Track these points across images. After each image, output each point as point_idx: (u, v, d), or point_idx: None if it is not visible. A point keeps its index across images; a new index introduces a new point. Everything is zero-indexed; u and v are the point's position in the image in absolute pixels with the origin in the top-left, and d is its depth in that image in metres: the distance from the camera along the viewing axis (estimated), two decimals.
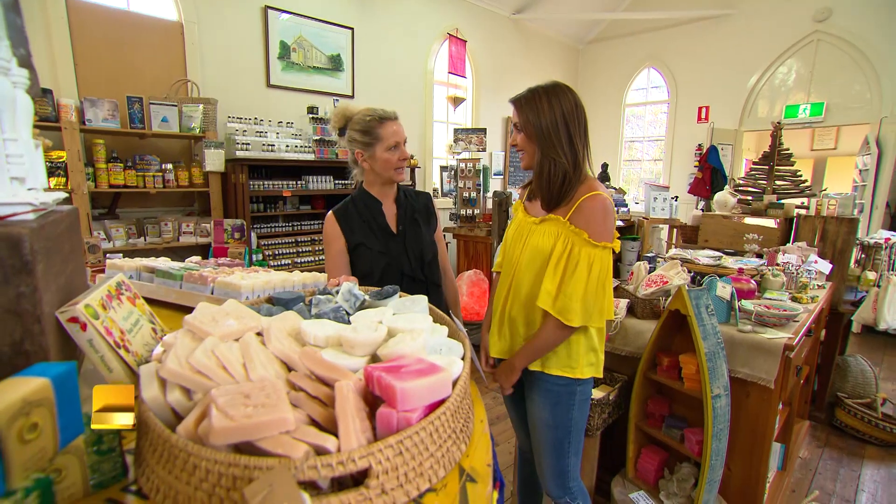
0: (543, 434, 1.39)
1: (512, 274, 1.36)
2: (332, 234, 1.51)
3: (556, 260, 1.24)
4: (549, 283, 1.24)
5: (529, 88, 1.29)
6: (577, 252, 1.22)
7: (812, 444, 2.69)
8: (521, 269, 1.33)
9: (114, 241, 3.08)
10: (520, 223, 1.40)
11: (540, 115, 1.24)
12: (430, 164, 5.46)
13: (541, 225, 1.31)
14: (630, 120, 7.04)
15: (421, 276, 1.54)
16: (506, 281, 1.39)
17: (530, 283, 1.31)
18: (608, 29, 6.91)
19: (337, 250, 1.51)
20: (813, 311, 2.03)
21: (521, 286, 1.33)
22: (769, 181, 3.37)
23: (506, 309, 1.38)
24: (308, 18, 4.23)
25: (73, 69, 3.10)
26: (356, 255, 1.51)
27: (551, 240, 1.26)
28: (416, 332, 0.64)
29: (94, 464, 0.45)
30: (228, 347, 0.56)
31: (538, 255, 1.28)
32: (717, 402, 1.62)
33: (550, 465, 1.41)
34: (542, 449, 1.41)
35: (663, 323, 1.80)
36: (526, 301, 1.33)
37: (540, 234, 1.29)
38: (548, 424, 1.38)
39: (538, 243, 1.28)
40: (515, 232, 1.40)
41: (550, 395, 1.35)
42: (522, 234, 1.36)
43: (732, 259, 2.63)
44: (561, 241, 1.25)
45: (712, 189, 5.27)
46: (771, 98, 5.58)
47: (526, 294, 1.32)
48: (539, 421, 1.39)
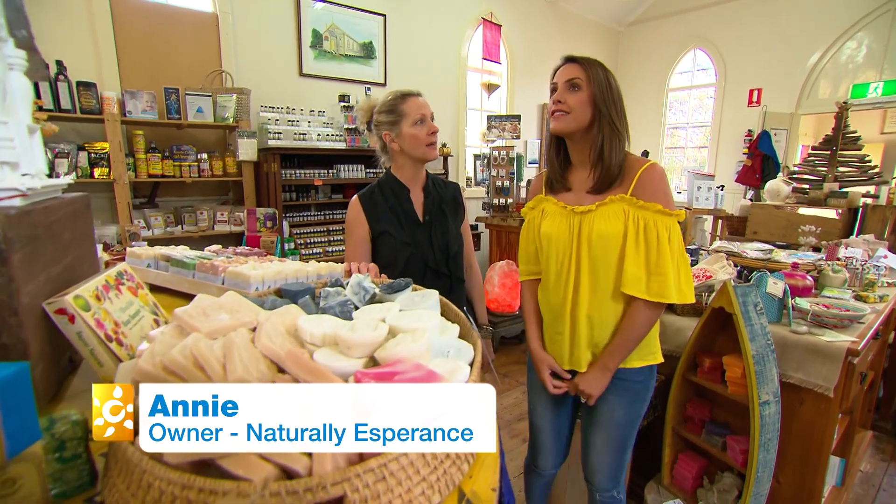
0: (611, 433, 1.31)
1: (571, 274, 1.22)
2: (355, 220, 1.44)
3: (633, 240, 1.13)
4: (633, 266, 1.14)
5: (586, 56, 1.21)
6: (654, 226, 1.12)
7: (876, 457, 2.45)
8: (592, 263, 1.19)
9: (153, 229, 3.18)
10: (560, 217, 1.25)
11: (608, 83, 1.16)
12: (463, 153, 5.36)
13: (600, 210, 1.17)
14: (673, 105, 6.67)
15: (445, 270, 1.46)
16: (561, 283, 1.24)
17: (607, 275, 1.18)
18: (651, 9, 6.53)
19: (359, 237, 1.44)
20: (882, 311, 1.82)
21: (596, 282, 1.20)
22: (830, 167, 3.08)
23: (578, 312, 1.22)
24: (340, 6, 4.20)
25: (116, 63, 3.20)
26: (379, 243, 1.44)
27: (621, 221, 1.15)
28: (418, 333, 0.57)
29: (56, 472, 0.42)
30: (208, 346, 0.51)
31: (610, 242, 1.16)
32: (766, 409, 1.48)
33: (610, 462, 1.34)
34: (606, 448, 1.33)
35: (706, 321, 1.66)
36: (612, 294, 1.19)
37: (604, 219, 1.16)
38: (619, 424, 1.29)
39: (605, 229, 1.16)
40: (557, 228, 1.24)
41: (629, 392, 1.26)
42: (572, 227, 1.21)
43: (785, 253, 2.42)
44: (632, 220, 1.14)
45: (763, 178, 4.91)
46: (835, 77, 5.12)
47: (603, 289, 1.19)
48: (609, 422, 1.30)
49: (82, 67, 3.02)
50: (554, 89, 1.21)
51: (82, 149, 2.91)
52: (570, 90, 1.18)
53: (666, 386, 1.84)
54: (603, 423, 1.31)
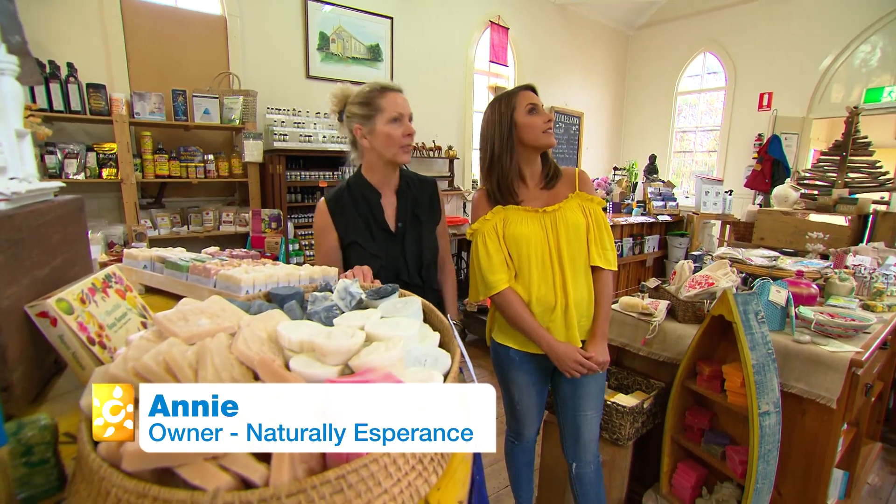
0: (599, 398, 1.49)
1: (555, 264, 1.39)
2: (323, 226, 1.35)
3: (593, 226, 1.40)
4: (596, 246, 1.39)
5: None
6: (597, 213, 1.42)
7: (884, 470, 2.40)
8: (570, 251, 1.38)
9: (159, 229, 3.22)
10: (530, 218, 1.40)
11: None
12: (469, 155, 5.36)
13: (565, 205, 1.41)
14: (682, 109, 6.61)
15: (418, 281, 1.39)
16: (546, 278, 1.39)
17: (582, 257, 1.40)
18: (661, 12, 6.48)
19: (329, 246, 1.36)
20: (890, 321, 1.78)
21: (579, 266, 1.40)
22: (840, 173, 3.03)
23: (568, 297, 1.39)
24: (347, 9, 4.23)
25: (126, 65, 3.25)
26: (349, 252, 1.36)
27: (581, 213, 1.40)
28: (392, 342, 0.57)
29: (24, 476, 0.42)
30: (182, 351, 0.51)
31: (580, 231, 1.39)
32: (766, 419, 1.46)
33: (594, 430, 1.51)
34: (592, 418, 1.49)
35: (706, 328, 1.64)
36: (585, 274, 1.41)
37: (572, 213, 1.39)
38: (602, 386, 1.50)
39: (575, 220, 1.38)
40: (532, 228, 1.39)
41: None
42: (545, 225, 1.40)
43: (791, 260, 2.38)
44: (587, 211, 1.41)
45: (773, 182, 4.85)
46: (848, 81, 5.04)
47: (583, 269, 1.41)
48: (598, 388, 1.48)
49: (93, 69, 3.08)
50: (533, 109, 1.37)
51: (91, 149, 2.96)
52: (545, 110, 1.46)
53: (665, 393, 1.82)
54: (592, 391, 1.47)
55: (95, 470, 0.37)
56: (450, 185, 5.11)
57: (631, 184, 4.91)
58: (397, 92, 1.33)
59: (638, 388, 1.94)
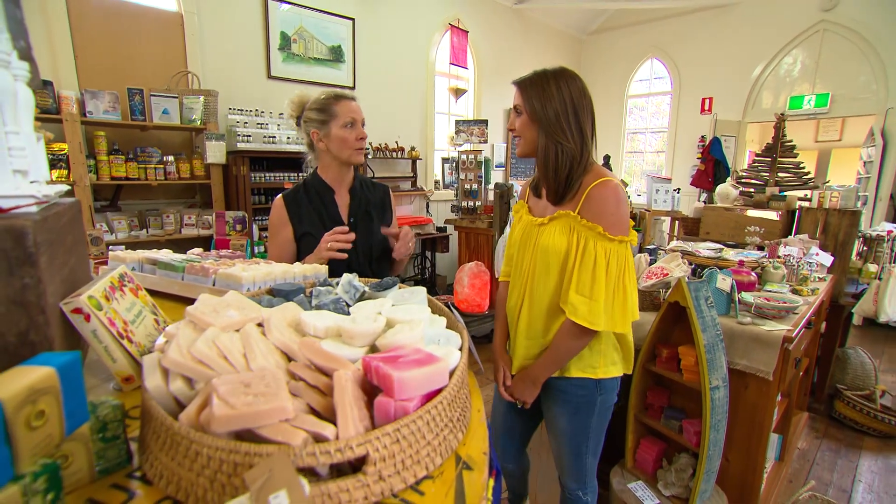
0: (561, 441, 1.34)
1: (524, 282, 1.26)
2: (278, 220, 1.44)
3: (573, 258, 1.14)
4: (566, 283, 1.15)
5: (535, 71, 1.20)
6: (592, 248, 1.11)
7: (810, 436, 2.70)
8: (536, 274, 1.23)
9: (116, 233, 3.09)
10: (525, 225, 1.30)
11: (547, 97, 1.15)
12: (431, 156, 5.44)
13: (550, 224, 1.21)
14: (633, 111, 7.00)
15: (368, 272, 1.45)
16: (517, 289, 1.30)
17: (549, 288, 1.21)
18: (611, 19, 6.84)
19: (284, 238, 1.44)
20: (813, 303, 2.03)
21: (537, 293, 1.23)
22: (772, 173, 3.36)
23: (521, 320, 1.28)
24: (308, 9, 4.20)
25: (74, 61, 3.10)
26: (302, 244, 1.44)
27: (565, 238, 1.16)
28: (414, 323, 0.65)
29: (100, 451, 0.47)
30: (229, 338, 0.57)
31: (553, 257, 1.18)
32: (716, 393, 1.63)
33: (569, 466, 1.38)
34: (562, 452, 1.37)
35: (663, 315, 1.81)
36: (547, 309, 1.22)
37: (550, 234, 1.19)
38: (565, 434, 1.31)
39: (550, 244, 1.18)
40: (522, 235, 1.30)
41: (569, 404, 1.28)
42: (531, 237, 1.26)
43: (733, 251, 2.63)
44: (575, 238, 1.14)
45: (715, 181, 5.25)
46: (775, 89, 5.54)
47: (545, 301, 1.22)
48: (556, 430, 1.34)
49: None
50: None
51: None
52: (516, 115, 1.24)
53: (628, 377, 1.98)
54: (552, 430, 1.37)
55: (184, 435, 0.43)
56: (413, 185, 5.17)
57: None
58: (351, 99, 1.43)
59: None
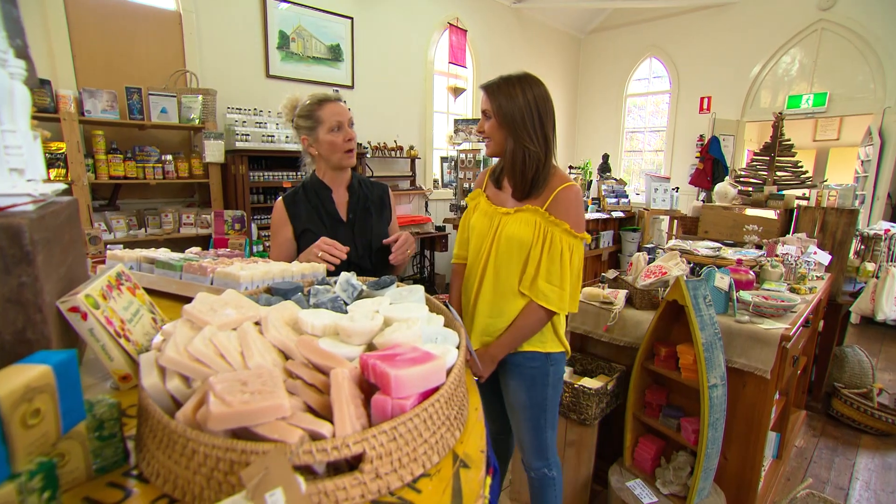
0: (522, 414, 1.43)
1: (482, 265, 1.35)
2: (279, 220, 1.48)
3: (538, 249, 1.27)
4: (533, 272, 1.27)
5: (501, 76, 1.28)
6: (560, 242, 1.26)
7: (808, 434, 2.71)
8: (497, 259, 1.32)
9: (115, 232, 3.09)
10: (486, 213, 1.38)
11: (514, 101, 1.24)
12: (430, 155, 5.44)
13: (516, 215, 1.31)
14: (631, 110, 7.00)
15: (368, 266, 1.48)
16: (475, 273, 1.38)
17: (509, 272, 1.31)
18: (610, 18, 6.84)
19: (284, 238, 1.47)
20: (811, 301, 2.03)
21: (498, 277, 1.33)
22: (770, 172, 3.36)
23: (481, 300, 1.37)
24: (307, 8, 4.19)
25: (72, 60, 3.09)
26: (302, 240, 1.46)
27: (530, 229, 1.28)
28: (411, 322, 0.65)
29: (97, 449, 0.47)
30: (226, 336, 0.57)
31: (517, 245, 1.29)
32: (714, 391, 1.64)
33: (530, 441, 1.45)
34: (522, 427, 1.45)
35: (661, 313, 1.81)
36: (505, 291, 1.33)
37: (517, 224, 1.29)
38: (523, 406, 1.42)
39: (516, 233, 1.28)
40: (483, 222, 1.38)
41: (525, 377, 1.38)
42: (493, 224, 1.35)
43: (732, 250, 2.64)
44: (541, 231, 1.27)
45: (713, 180, 5.26)
46: (774, 88, 5.54)
47: (504, 284, 1.32)
48: (517, 403, 1.43)
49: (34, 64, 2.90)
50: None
51: None
52: (485, 118, 1.31)
53: (626, 375, 1.98)
54: (510, 405, 1.46)
55: (180, 433, 0.43)
56: (412, 184, 5.17)
57: (586, 182, 5.16)
58: (335, 102, 1.43)
59: (601, 373, 2.10)
